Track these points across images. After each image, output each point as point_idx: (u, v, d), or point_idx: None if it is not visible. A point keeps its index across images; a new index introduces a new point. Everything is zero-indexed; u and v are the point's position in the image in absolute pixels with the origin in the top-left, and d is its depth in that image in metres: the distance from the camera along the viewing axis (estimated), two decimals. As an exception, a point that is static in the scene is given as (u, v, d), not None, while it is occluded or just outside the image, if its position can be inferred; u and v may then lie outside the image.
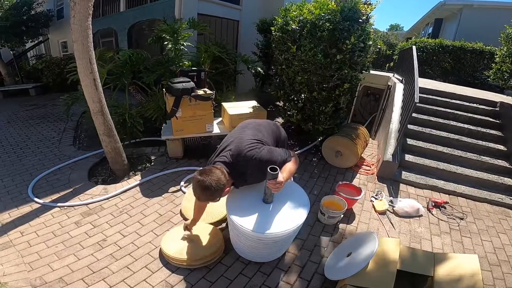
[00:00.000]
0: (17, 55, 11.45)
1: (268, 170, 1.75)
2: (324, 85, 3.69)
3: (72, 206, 2.95)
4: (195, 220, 2.36)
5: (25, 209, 2.91)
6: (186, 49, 4.70)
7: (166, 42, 4.47)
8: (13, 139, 4.89)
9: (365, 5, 3.45)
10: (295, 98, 4.18)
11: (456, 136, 4.19)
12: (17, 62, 11.17)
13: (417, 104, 3.34)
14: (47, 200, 3.04)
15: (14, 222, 2.70)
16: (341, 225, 2.83)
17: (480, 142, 4.11)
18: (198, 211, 2.33)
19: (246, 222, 1.91)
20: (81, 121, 5.69)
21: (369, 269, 1.95)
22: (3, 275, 2.09)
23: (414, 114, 3.91)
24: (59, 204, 2.95)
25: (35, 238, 2.49)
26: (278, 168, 1.78)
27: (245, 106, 4.15)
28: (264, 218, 1.95)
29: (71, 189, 3.25)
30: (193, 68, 4.31)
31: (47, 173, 3.62)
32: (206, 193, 1.75)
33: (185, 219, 2.77)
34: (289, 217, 1.97)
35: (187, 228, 2.37)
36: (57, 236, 2.52)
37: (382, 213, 3.07)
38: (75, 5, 2.65)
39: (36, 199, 3.03)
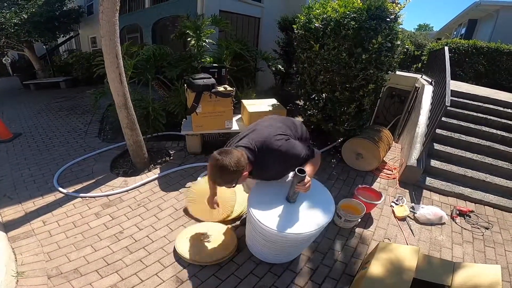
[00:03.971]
0: (49, 50, 12.02)
1: (296, 172, 1.68)
2: (347, 85, 3.58)
3: (93, 197, 3.05)
4: (213, 194, 2.24)
5: (49, 198, 3.04)
6: (208, 46, 4.72)
7: (189, 39, 4.52)
8: (43, 130, 5.15)
9: (393, 4, 3.30)
10: (316, 98, 4.09)
11: (488, 143, 3.95)
12: (49, 56, 11.73)
13: (447, 108, 3.17)
14: (70, 190, 3.16)
15: (38, 211, 2.82)
16: (357, 230, 2.74)
17: (513, 150, 3.85)
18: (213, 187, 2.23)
19: (268, 220, 1.83)
20: (106, 114, 5.89)
21: (383, 276, 1.88)
22: (21, 264, 2.18)
23: (443, 118, 3.71)
24: (81, 195, 3.06)
25: (56, 228, 2.59)
26: (305, 170, 1.70)
27: (265, 104, 4.12)
28: (286, 217, 1.87)
29: (94, 180, 3.37)
30: (214, 65, 4.33)
31: (72, 163, 3.77)
32: (223, 174, 1.61)
33: (189, 215, 2.80)
34: (312, 218, 1.88)
35: (211, 203, 2.25)
36: (77, 227, 2.61)
37: (402, 219, 2.95)
38: (103, 1, 2.72)
39: (60, 189, 3.16)
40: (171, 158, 3.96)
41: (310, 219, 1.87)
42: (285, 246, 2.01)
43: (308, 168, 1.78)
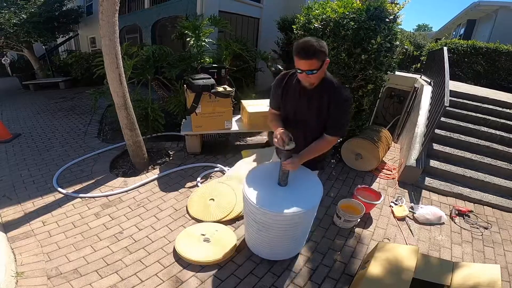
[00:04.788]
0: (49, 50, 12.01)
1: (283, 150, 1.73)
2: (347, 86, 3.59)
3: (93, 197, 3.05)
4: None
5: (49, 198, 3.03)
6: (207, 46, 4.73)
7: (188, 39, 4.53)
8: (42, 130, 5.14)
9: (392, 4, 3.32)
10: (316, 98, 4.10)
11: (487, 143, 3.96)
12: (49, 57, 11.73)
13: (446, 108, 3.18)
14: (70, 190, 3.16)
15: (37, 211, 2.82)
16: (357, 230, 2.74)
17: (512, 150, 3.87)
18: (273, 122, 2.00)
19: (258, 200, 1.88)
20: (106, 114, 5.88)
21: (383, 276, 1.88)
22: (20, 264, 2.17)
23: (442, 118, 3.73)
24: (80, 195, 3.06)
25: (56, 228, 2.58)
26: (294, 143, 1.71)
27: (265, 104, 4.11)
28: (274, 197, 1.93)
29: (93, 180, 3.36)
30: (213, 65, 4.34)
31: (71, 163, 3.76)
32: (308, 45, 1.56)
33: (191, 216, 2.80)
34: (301, 200, 1.91)
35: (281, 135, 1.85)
36: (77, 227, 2.60)
37: (401, 219, 2.96)
38: (103, 1, 2.73)
39: (60, 189, 3.16)
40: (171, 158, 3.96)
41: (296, 202, 1.89)
42: (273, 229, 2.00)
43: (313, 148, 1.83)
